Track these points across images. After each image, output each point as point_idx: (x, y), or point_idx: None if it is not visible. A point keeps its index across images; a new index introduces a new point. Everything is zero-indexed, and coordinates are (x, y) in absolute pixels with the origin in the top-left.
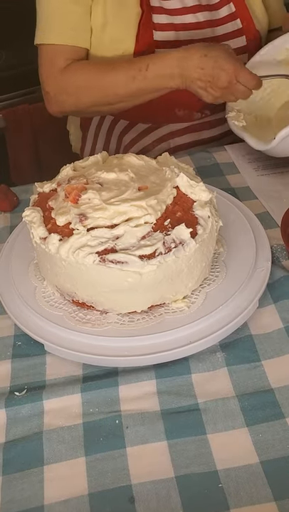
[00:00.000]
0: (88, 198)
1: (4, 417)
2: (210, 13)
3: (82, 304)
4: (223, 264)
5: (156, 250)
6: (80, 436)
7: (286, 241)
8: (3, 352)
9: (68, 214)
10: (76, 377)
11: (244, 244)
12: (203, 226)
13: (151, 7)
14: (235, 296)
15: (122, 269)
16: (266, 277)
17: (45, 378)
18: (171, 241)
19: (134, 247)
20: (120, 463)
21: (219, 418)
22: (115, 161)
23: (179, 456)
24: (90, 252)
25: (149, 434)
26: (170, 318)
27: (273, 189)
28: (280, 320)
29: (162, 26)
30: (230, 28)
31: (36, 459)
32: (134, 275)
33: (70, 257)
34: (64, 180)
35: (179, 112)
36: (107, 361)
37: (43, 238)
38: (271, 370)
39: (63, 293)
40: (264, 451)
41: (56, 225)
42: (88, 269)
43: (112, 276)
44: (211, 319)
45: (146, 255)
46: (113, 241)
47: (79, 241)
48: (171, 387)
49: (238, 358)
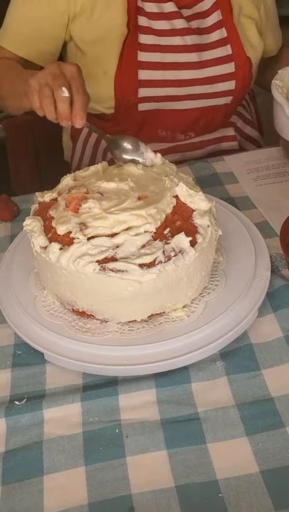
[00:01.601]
0: (88, 207)
1: (4, 427)
2: (199, 37)
3: (82, 312)
4: (223, 273)
5: (156, 259)
6: (80, 445)
7: (285, 250)
8: (3, 361)
9: (69, 223)
10: (76, 386)
11: (243, 254)
12: (203, 235)
13: (139, 27)
14: (235, 305)
15: (122, 277)
16: (266, 286)
17: (45, 387)
18: (171, 250)
19: (134, 255)
20: (120, 472)
21: (219, 427)
22: (115, 170)
23: (179, 466)
24: (91, 261)
25: (149, 444)
26: (170, 327)
27: (272, 199)
28: (280, 329)
29: (148, 47)
30: (218, 53)
31: (36, 468)
32: (134, 284)
33: (71, 265)
34: (64, 189)
35: (162, 132)
36: (107, 370)
37: (43, 247)
38: (271, 379)
39: (63, 302)
40: (264, 460)
41: (57, 234)
42: (88, 277)
43: (112, 284)
44: (210, 328)
45: (146, 264)
46: (113, 250)
47: (79, 250)
48: (171, 396)
49: (238, 367)
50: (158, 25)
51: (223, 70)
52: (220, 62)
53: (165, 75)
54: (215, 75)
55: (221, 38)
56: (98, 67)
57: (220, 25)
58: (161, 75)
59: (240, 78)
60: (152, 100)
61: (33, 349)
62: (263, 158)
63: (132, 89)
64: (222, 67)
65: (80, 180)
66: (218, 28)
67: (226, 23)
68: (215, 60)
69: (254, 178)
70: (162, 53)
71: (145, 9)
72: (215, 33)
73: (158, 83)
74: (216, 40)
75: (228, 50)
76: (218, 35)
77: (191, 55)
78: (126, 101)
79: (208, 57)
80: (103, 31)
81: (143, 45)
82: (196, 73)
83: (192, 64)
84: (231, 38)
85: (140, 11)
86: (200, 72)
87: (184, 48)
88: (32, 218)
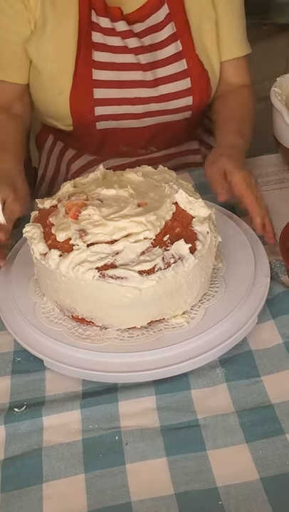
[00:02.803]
0: (88, 214)
1: (3, 434)
2: (153, 54)
3: (81, 319)
4: (222, 280)
5: (156, 266)
6: (80, 452)
7: (285, 257)
8: (3, 368)
9: (68, 230)
10: (76, 393)
11: (243, 260)
12: (202, 242)
13: (93, 43)
14: (235, 311)
15: (121, 284)
16: (265, 293)
17: (45, 394)
18: (171, 256)
19: (133, 262)
20: (120, 480)
21: (219, 434)
22: (115, 177)
23: (179, 473)
24: (90, 268)
25: (148, 451)
26: (170, 334)
27: (271, 205)
28: (280, 335)
29: (103, 65)
30: (173, 69)
31: (35, 476)
32: (133, 290)
33: (70, 272)
34: (64, 196)
35: (123, 148)
36: (106, 377)
37: (43, 254)
38: (271, 385)
39: (63, 308)
40: (264, 467)
41: (56, 240)
42: (88, 284)
43: (111, 291)
44: (210, 335)
45: (145, 271)
46: (113, 256)
47: (79, 257)
48: (170, 403)
49: (237, 373)
50: (112, 42)
51: (179, 87)
52: (175, 78)
53: (121, 93)
54: (170, 92)
55: (175, 52)
56: (54, 87)
57: (174, 38)
58: (116, 94)
59: (198, 93)
60: (110, 118)
61: (33, 356)
62: (262, 165)
63: (88, 109)
64: (178, 84)
65: (79, 187)
66: (172, 41)
67: (181, 36)
68: (170, 77)
69: None
70: (117, 71)
71: (100, 24)
72: (169, 47)
73: (114, 101)
74: (171, 55)
75: (184, 64)
76: (172, 49)
77: (146, 73)
78: (83, 119)
79: (162, 75)
80: (56, 48)
81: (97, 62)
82: (151, 91)
83: (147, 82)
84: (187, 52)
85: (95, 27)
86: (154, 90)
87: (138, 66)
88: (32, 225)
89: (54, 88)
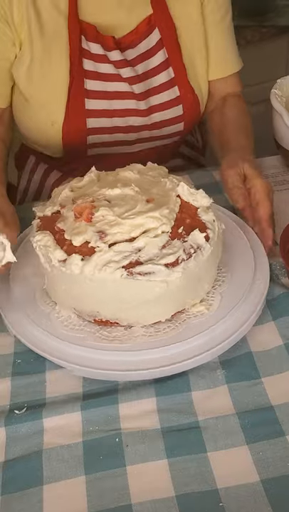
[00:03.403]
0: (102, 215)
1: (4, 436)
2: (145, 83)
3: (105, 322)
4: (226, 265)
5: (179, 257)
6: (80, 454)
7: (285, 258)
8: (3, 370)
9: (85, 233)
10: (76, 395)
11: (241, 248)
12: (212, 229)
13: (85, 71)
14: (248, 291)
15: (149, 279)
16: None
17: (45, 396)
18: (190, 247)
19: (157, 257)
20: (120, 482)
21: (219, 436)
22: (111, 177)
23: (180, 475)
24: (117, 268)
25: (149, 453)
26: (194, 323)
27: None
28: (280, 337)
29: (95, 94)
30: (165, 97)
31: (36, 478)
32: (160, 284)
33: (96, 274)
34: (67, 201)
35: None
36: (146, 375)
37: (62, 260)
38: (271, 387)
39: (82, 314)
40: (264, 469)
41: (72, 245)
42: (115, 284)
43: (140, 288)
44: (232, 317)
45: (170, 263)
46: (136, 254)
47: (102, 258)
48: (171, 405)
49: (238, 375)
50: (104, 69)
51: (172, 114)
52: (167, 106)
53: (114, 122)
54: (163, 119)
55: (168, 79)
56: (45, 118)
57: (166, 65)
58: (110, 123)
59: (189, 119)
60: (101, 146)
61: (33, 358)
62: (261, 167)
63: (80, 138)
64: (170, 111)
65: (78, 191)
66: (164, 68)
67: (173, 62)
68: (162, 105)
69: None
70: (110, 100)
71: (91, 51)
72: (162, 74)
73: (107, 130)
74: (163, 82)
75: (176, 92)
76: (165, 76)
77: (139, 103)
78: (75, 148)
79: (155, 103)
80: (46, 77)
81: (90, 91)
82: (144, 120)
83: (140, 111)
84: (178, 79)
85: (85, 54)
86: (148, 118)
87: (132, 96)
88: (42, 233)
89: (45, 118)
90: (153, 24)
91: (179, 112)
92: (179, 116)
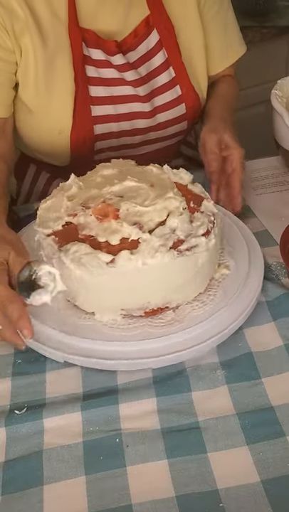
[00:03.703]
0: (126, 208)
1: (4, 436)
2: (148, 85)
3: (156, 310)
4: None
5: (208, 226)
6: (80, 455)
7: (285, 259)
8: (3, 370)
9: (120, 230)
10: (76, 395)
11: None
12: (208, 198)
13: (88, 78)
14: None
15: (195, 252)
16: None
17: (46, 396)
18: (209, 215)
19: (192, 231)
20: (120, 482)
21: (220, 436)
22: (92, 177)
23: (180, 475)
24: (167, 250)
25: (149, 453)
26: (229, 285)
27: (272, 208)
28: (280, 337)
29: (100, 100)
30: (168, 97)
31: (36, 478)
32: (204, 254)
33: (150, 262)
34: (75, 210)
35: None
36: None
37: (110, 262)
38: (271, 387)
39: (131, 311)
40: (265, 469)
41: (111, 245)
42: (166, 267)
43: (186, 264)
44: (256, 273)
45: (205, 234)
46: (174, 233)
47: (151, 246)
48: (171, 405)
49: (238, 375)
50: (107, 74)
51: (175, 114)
52: (171, 106)
53: (120, 126)
54: (167, 119)
55: (169, 79)
56: (52, 127)
57: (167, 65)
58: (116, 127)
59: (191, 117)
60: (108, 150)
61: (34, 358)
62: (262, 168)
63: (88, 145)
64: (173, 111)
65: (77, 198)
66: (165, 68)
67: (173, 62)
68: (166, 105)
69: (254, 188)
70: (115, 105)
71: (92, 57)
72: (163, 75)
73: (114, 135)
74: (165, 82)
75: (178, 91)
76: (166, 77)
77: (144, 105)
78: (82, 155)
79: (159, 103)
80: (52, 88)
81: (95, 98)
82: (150, 121)
83: (145, 113)
84: (179, 78)
85: (87, 60)
86: (153, 120)
87: (137, 98)
88: (76, 244)
89: (52, 128)
90: (151, 25)
91: (182, 111)
92: (182, 115)
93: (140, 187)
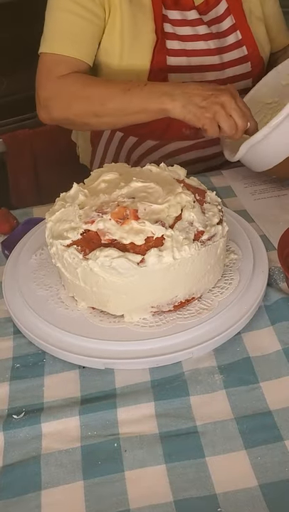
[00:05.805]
0: (144, 208)
1: (2, 441)
2: (219, 40)
3: (183, 303)
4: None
5: (219, 215)
6: (78, 459)
7: (283, 264)
8: (2, 374)
9: (143, 231)
10: (74, 399)
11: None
12: (205, 189)
13: (165, 33)
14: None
15: (215, 240)
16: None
17: (44, 401)
18: (216, 205)
19: (208, 221)
20: (119, 487)
21: (218, 441)
22: (93, 184)
23: (178, 480)
24: (191, 242)
25: (147, 458)
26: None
27: (270, 213)
28: (278, 342)
29: (175, 52)
30: (236, 55)
31: (34, 483)
32: (221, 242)
33: (178, 255)
34: (91, 217)
35: (186, 130)
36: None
37: (140, 262)
38: (270, 392)
39: (161, 307)
40: (263, 474)
41: (136, 246)
42: (190, 259)
43: (210, 253)
44: (261, 254)
45: (218, 223)
46: (192, 226)
47: (177, 240)
48: (169, 410)
49: (236, 380)
50: (182, 31)
51: (242, 70)
52: (238, 62)
53: (192, 77)
54: (234, 74)
55: (236, 40)
56: (130, 73)
57: (234, 28)
58: (188, 78)
59: (256, 76)
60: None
61: (32, 362)
62: (260, 173)
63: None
64: (240, 67)
65: (88, 205)
66: (233, 31)
67: (240, 26)
68: (234, 61)
69: (252, 193)
70: (188, 57)
71: (169, 17)
72: (231, 36)
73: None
74: (233, 42)
75: (244, 51)
76: (233, 38)
77: (214, 57)
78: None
79: (227, 59)
80: (135, 34)
81: (171, 50)
82: (219, 74)
83: (215, 66)
84: (246, 40)
85: (165, 19)
86: (222, 73)
87: (208, 52)
88: (102, 250)
89: (131, 74)
90: None
91: (248, 69)
92: (248, 72)
93: (148, 186)
